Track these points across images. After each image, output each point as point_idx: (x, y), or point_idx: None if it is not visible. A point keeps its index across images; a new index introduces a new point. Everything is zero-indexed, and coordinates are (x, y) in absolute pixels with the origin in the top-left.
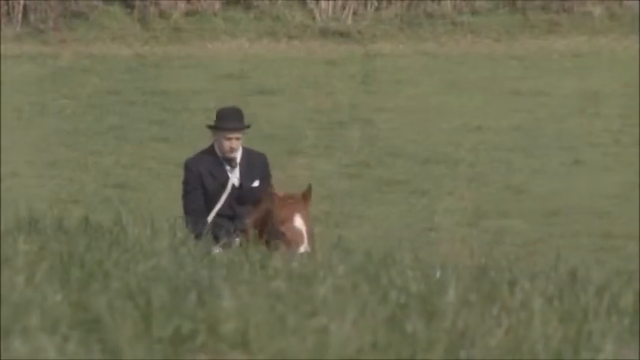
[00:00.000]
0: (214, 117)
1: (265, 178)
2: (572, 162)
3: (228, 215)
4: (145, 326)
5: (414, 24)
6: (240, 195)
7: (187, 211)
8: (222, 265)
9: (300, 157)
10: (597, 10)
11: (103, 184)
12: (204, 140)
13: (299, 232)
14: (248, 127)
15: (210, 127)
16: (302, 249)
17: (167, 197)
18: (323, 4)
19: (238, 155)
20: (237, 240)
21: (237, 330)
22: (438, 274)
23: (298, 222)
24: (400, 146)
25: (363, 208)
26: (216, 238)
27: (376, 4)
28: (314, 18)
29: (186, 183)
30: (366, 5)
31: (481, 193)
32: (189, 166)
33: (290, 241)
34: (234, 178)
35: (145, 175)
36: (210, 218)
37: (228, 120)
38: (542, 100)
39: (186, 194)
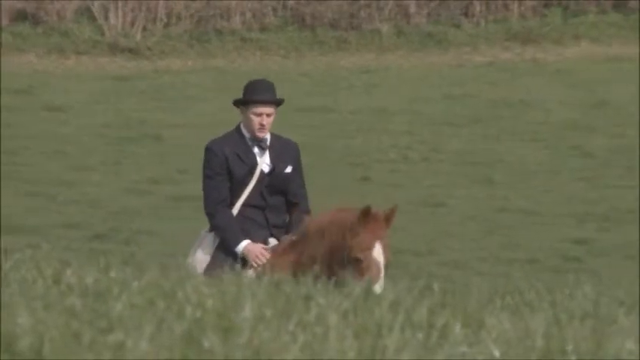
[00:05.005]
0: (243, 91)
1: (296, 166)
2: (360, 178)
3: (259, 206)
4: None
5: (203, 40)
6: (271, 182)
7: (210, 201)
8: (16, 281)
9: (89, 173)
10: (385, 28)
11: None
12: None
13: (377, 265)
14: (281, 102)
15: (237, 102)
16: (377, 288)
17: None
18: (112, 19)
19: (268, 138)
20: (271, 239)
21: (33, 346)
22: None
23: (377, 251)
24: (190, 162)
25: (153, 224)
26: (246, 233)
27: (165, 20)
28: (103, 34)
29: (207, 167)
30: (155, 21)
31: None
32: (212, 149)
33: (364, 271)
34: (264, 163)
35: None
36: (236, 209)
37: (259, 92)
38: (331, 117)
39: (209, 181)
